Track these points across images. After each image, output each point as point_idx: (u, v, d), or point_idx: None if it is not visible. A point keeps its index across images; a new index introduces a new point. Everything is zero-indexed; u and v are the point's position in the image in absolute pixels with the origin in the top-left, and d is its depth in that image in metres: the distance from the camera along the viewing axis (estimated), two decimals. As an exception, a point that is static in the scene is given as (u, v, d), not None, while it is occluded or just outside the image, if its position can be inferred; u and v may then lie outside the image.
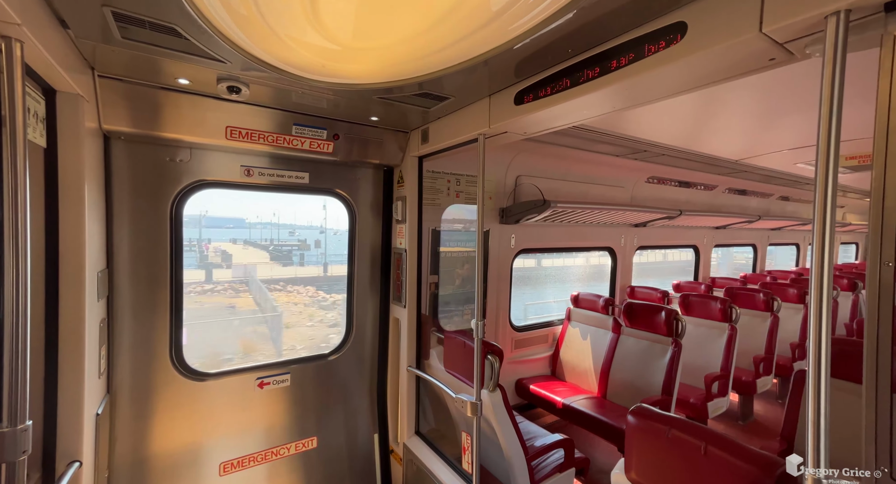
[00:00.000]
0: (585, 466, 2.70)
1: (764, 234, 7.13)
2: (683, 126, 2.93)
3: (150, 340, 2.27)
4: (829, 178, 0.87)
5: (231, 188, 2.50)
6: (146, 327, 2.25)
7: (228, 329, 12.40)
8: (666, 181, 4.72)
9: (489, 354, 2.26)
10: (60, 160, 1.61)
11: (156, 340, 2.28)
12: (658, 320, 3.45)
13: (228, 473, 2.50)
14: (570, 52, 1.52)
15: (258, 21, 1.05)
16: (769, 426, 4.12)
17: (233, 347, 10.53)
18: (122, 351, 2.19)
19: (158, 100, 1.98)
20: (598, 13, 1.26)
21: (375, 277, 3.02)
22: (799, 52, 1.06)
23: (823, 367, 0.85)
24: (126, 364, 2.21)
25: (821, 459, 0.85)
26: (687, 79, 1.33)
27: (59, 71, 1.40)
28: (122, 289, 2.17)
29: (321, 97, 2.10)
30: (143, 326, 2.24)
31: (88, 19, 1.35)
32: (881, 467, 0.88)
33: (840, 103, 0.87)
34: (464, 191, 3.33)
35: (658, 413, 1.45)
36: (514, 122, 1.89)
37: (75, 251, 1.66)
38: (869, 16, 0.88)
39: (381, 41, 1.18)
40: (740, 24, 1.03)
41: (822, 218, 0.87)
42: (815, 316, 0.86)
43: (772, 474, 1.11)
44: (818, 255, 0.87)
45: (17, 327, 1.15)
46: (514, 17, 1.02)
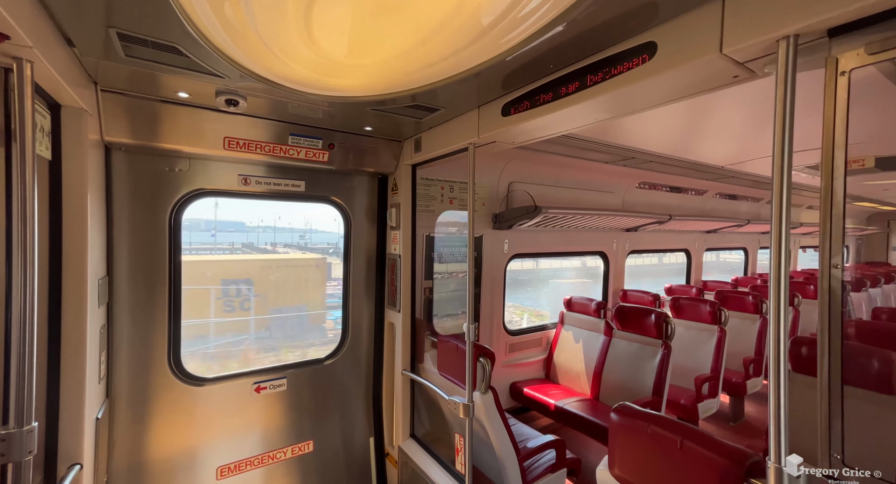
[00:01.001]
0: (577, 467, 2.75)
1: (754, 238, 7.24)
2: (671, 134, 3.02)
3: (149, 345, 2.31)
4: (784, 187, 0.94)
5: (228, 197, 2.56)
6: (145, 333, 2.30)
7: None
8: (656, 186, 4.82)
9: (481, 357, 2.32)
10: (64, 172, 1.67)
11: (154, 345, 2.32)
12: (648, 323, 3.52)
13: (226, 476, 2.53)
14: (552, 67, 1.60)
15: (255, 39, 1.12)
16: (760, 426, 4.18)
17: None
18: (122, 356, 2.24)
19: (158, 112, 2.05)
20: (578, 31, 1.34)
21: (370, 283, 3.08)
22: (759, 70, 1.15)
23: (782, 364, 0.92)
24: (125, 369, 2.25)
25: (781, 451, 0.91)
26: (660, 93, 1.41)
27: (64, 87, 1.47)
28: (122, 295, 2.22)
29: (316, 108, 2.17)
30: (142, 332, 2.29)
31: (94, 39, 1.42)
32: (834, 454, 0.95)
33: (791, 117, 0.95)
34: (457, 197, 3.41)
35: (639, 410, 1.51)
36: (502, 132, 1.97)
37: (78, 259, 1.72)
38: (815, 40, 0.97)
39: (373, 57, 1.25)
40: (703, 45, 1.12)
41: (778, 225, 0.95)
42: (774, 316, 0.94)
43: (742, 465, 1.17)
44: (775, 260, 0.95)
45: (24, 332, 1.21)
46: (503, 32, 1.09)
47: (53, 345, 1.67)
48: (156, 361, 2.33)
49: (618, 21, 1.27)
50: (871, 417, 1.66)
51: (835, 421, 0.95)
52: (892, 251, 10.06)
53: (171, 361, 2.37)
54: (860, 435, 1.03)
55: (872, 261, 9.78)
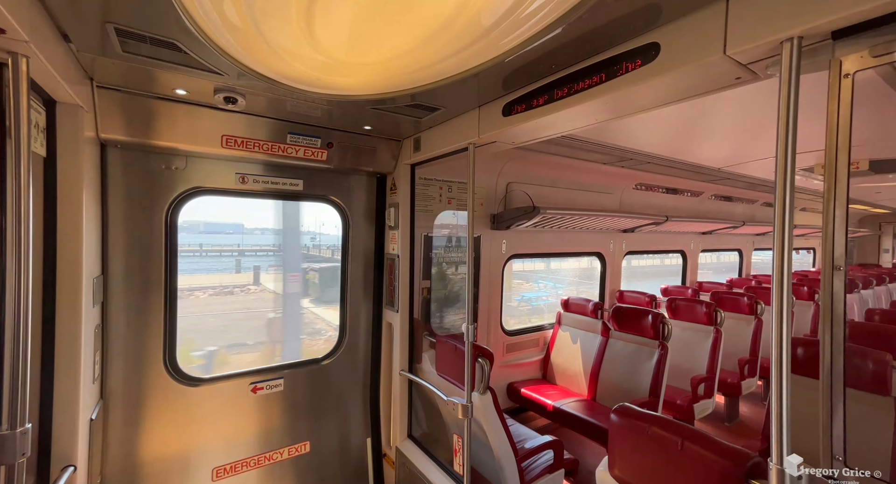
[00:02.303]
0: (575, 467, 2.75)
1: (749, 240, 7.30)
2: (669, 136, 3.03)
3: (144, 345, 2.28)
4: (787, 189, 0.95)
5: (226, 195, 2.54)
6: (140, 333, 2.27)
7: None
8: (653, 188, 4.84)
9: (479, 357, 2.32)
10: (59, 169, 1.64)
11: (150, 345, 2.30)
12: (645, 324, 3.53)
13: (221, 478, 2.51)
14: (553, 67, 1.60)
15: (255, 37, 1.10)
16: (755, 427, 4.21)
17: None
18: (116, 356, 2.21)
19: (155, 109, 2.02)
20: (581, 31, 1.34)
21: (369, 283, 3.07)
22: (761, 72, 1.15)
23: (785, 365, 0.92)
24: (120, 369, 2.22)
25: (784, 452, 0.91)
26: (662, 94, 1.41)
27: (60, 83, 1.44)
28: (117, 295, 2.19)
29: (315, 107, 2.16)
30: (137, 332, 2.26)
31: (91, 34, 1.39)
32: (836, 456, 0.96)
33: (795, 120, 0.95)
34: (456, 197, 3.40)
35: (639, 411, 1.51)
36: (503, 132, 1.96)
37: (72, 258, 1.69)
38: (818, 42, 0.97)
39: (374, 56, 1.24)
40: (706, 46, 1.12)
41: (781, 226, 0.95)
42: (777, 317, 0.94)
43: (743, 466, 1.18)
44: (778, 261, 0.95)
45: (17, 332, 1.19)
46: (504, 32, 1.08)
47: (47, 345, 1.64)
48: (151, 361, 2.31)
49: (621, 22, 1.27)
50: (864, 417, 1.67)
51: (836, 422, 0.95)
52: (883, 253, 10.20)
53: (166, 361, 2.34)
54: (856, 435, 1.03)
55: (864, 262, 9.91)
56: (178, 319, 2.40)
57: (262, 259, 16.33)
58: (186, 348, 3.06)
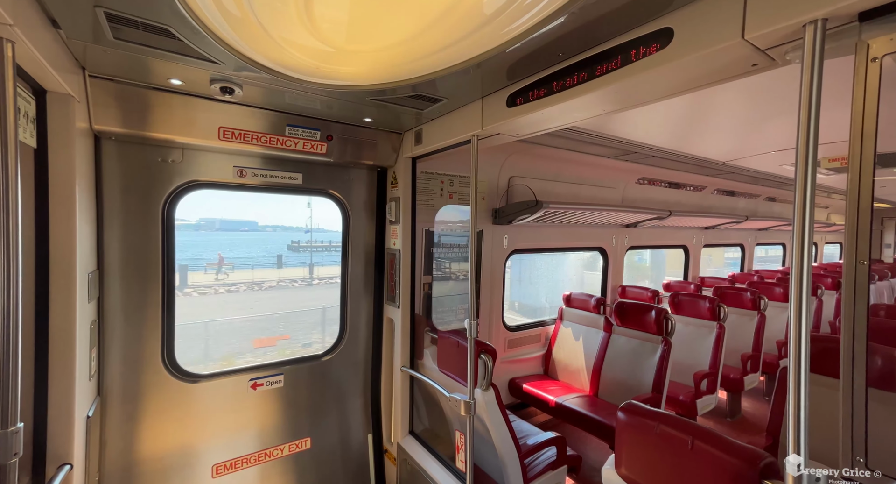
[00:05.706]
0: (577, 464, 2.73)
1: (752, 235, 7.26)
2: (672, 128, 2.98)
3: (142, 341, 2.25)
4: (808, 180, 0.90)
5: (224, 189, 2.49)
6: (137, 329, 2.23)
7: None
8: (656, 182, 4.79)
9: (482, 353, 2.28)
10: (51, 161, 1.60)
11: (147, 341, 2.26)
12: (648, 319, 3.50)
13: (221, 474, 2.49)
14: (560, 55, 1.55)
15: (252, 23, 1.06)
16: (757, 423, 4.20)
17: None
18: (113, 353, 2.18)
19: (150, 100, 1.97)
20: (588, 18, 1.29)
21: (369, 278, 3.03)
22: (780, 58, 1.10)
23: (803, 363, 0.88)
24: (117, 366, 2.19)
25: (801, 452, 0.88)
26: (674, 83, 1.36)
27: (49, 71, 1.39)
28: (113, 290, 2.16)
29: (314, 98, 2.10)
30: (135, 328, 2.23)
31: (81, 20, 1.34)
32: (857, 457, 0.92)
33: (818, 107, 0.90)
34: (457, 192, 3.35)
35: (647, 409, 1.48)
36: (507, 123, 1.91)
37: (66, 252, 1.65)
38: (844, 25, 0.92)
39: (374, 44, 1.19)
40: (724, 30, 1.07)
41: (801, 218, 0.91)
42: (795, 313, 0.90)
43: (755, 467, 1.14)
44: (798, 254, 0.91)
45: (7, 328, 1.15)
46: (506, 20, 1.04)
47: (41, 341, 1.61)
48: (149, 357, 2.27)
49: (631, 7, 1.21)
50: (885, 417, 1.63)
51: (857, 423, 0.92)
52: (885, 248, 10.17)
53: (164, 357, 2.31)
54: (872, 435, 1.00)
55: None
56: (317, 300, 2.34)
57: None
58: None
